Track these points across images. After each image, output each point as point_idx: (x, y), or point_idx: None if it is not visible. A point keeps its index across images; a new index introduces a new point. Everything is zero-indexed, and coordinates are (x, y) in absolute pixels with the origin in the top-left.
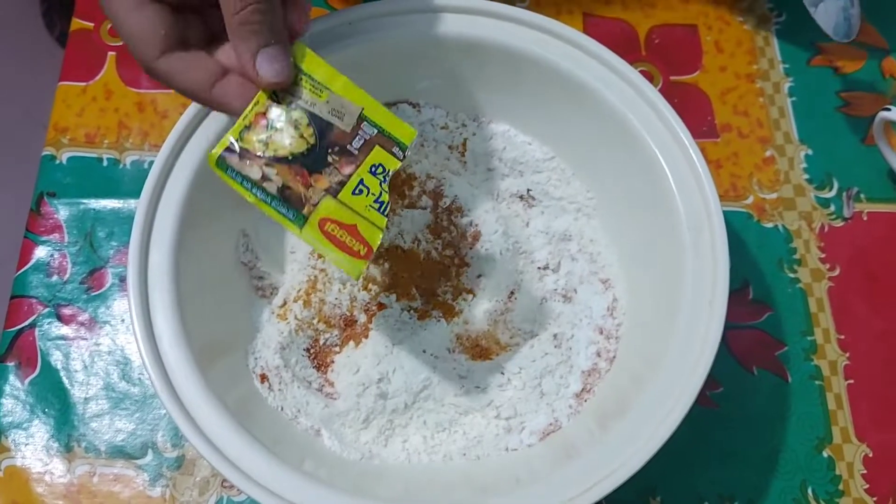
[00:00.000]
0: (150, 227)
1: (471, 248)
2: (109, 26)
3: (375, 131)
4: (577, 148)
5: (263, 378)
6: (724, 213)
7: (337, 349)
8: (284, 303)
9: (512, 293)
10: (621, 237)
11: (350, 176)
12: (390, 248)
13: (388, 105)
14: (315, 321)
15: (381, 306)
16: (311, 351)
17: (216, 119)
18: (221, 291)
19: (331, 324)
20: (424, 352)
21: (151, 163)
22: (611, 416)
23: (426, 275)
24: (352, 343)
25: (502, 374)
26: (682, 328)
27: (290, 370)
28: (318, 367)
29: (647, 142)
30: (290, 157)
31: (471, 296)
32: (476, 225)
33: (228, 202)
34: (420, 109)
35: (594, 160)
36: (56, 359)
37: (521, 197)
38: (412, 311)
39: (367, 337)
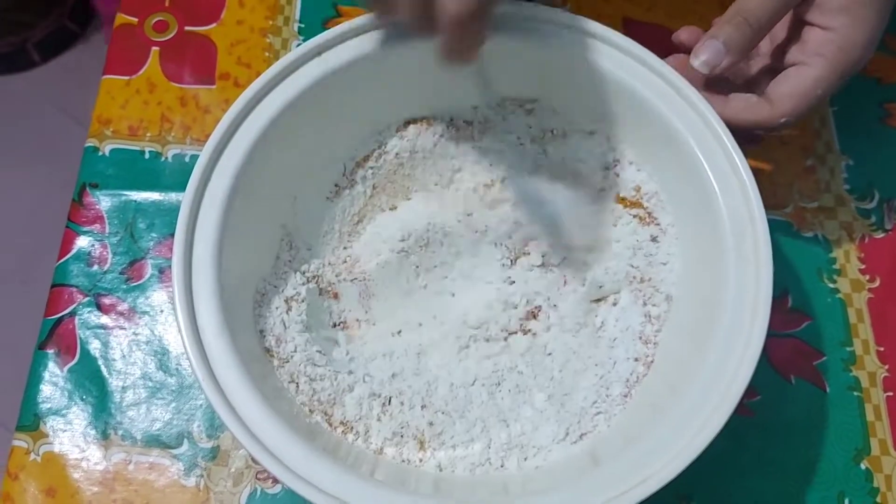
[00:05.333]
0: (195, 218)
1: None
2: (154, 21)
3: None
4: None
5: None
6: None
7: (375, 358)
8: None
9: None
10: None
11: None
12: None
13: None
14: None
15: None
16: (349, 353)
17: (260, 115)
18: (263, 285)
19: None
20: (461, 362)
21: (192, 157)
22: (647, 422)
23: None
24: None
25: (534, 377)
26: (723, 335)
27: (321, 376)
28: (351, 373)
29: (690, 145)
30: None
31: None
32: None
33: (272, 198)
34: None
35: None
36: (95, 347)
37: None
38: None
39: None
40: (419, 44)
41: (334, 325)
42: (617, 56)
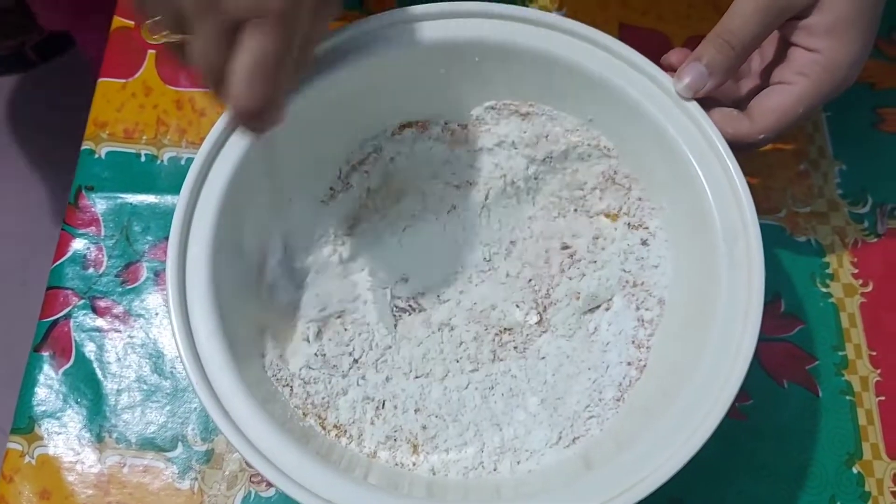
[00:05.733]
0: (190, 221)
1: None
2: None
3: None
4: None
5: (287, 382)
6: None
7: (371, 369)
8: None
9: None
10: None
11: None
12: None
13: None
14: (347, 346)
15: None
16: (340, 368)
17: None
18: (257, 288)
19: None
20: (458, 361)
21: (188, 160)
22: (639, 426)
23: None
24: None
25: (528, 381)
26: (715, 339)
27: (315, 379)
28: (345, 376)
29: (683, 150)
30: None
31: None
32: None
33: (267, 201)
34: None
35: (629, 168)
36: (90, 350)
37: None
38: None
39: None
40: (416, 48)
41: None
42: (612, 61)
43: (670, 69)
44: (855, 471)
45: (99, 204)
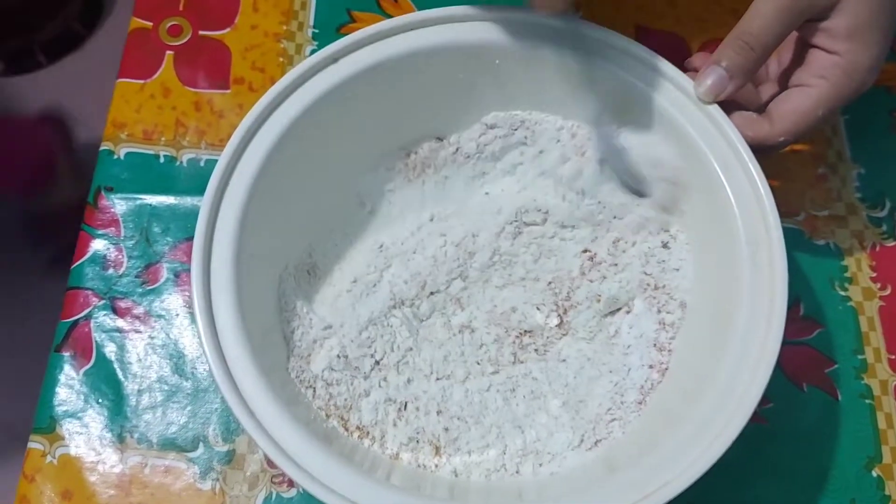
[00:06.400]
0: (214, 221)
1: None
2: (168, 25)
3: None
4: None
5: (310, 384)
6: None
7: (392, 371)
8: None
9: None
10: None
11: None
12: None
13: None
14: (369, 347)
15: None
16: (361, 369)
17: (279, 120)
18: (281, 291)
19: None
20: (478, 363)
21: (207, 161)
22: (662, 429)
23: None
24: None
25: (549, 384)
26: (738, 343)
27: (337, 381)
28: (367, 378)
29: (705, 153)
30: None
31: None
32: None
33: (291, 202)
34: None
35: None
36: (110, 350)
37: None
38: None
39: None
40: (432, 50)
41: None
42: (631, 64)
43: (694, 73)
44: (875, 474)
45: (118, 205)
